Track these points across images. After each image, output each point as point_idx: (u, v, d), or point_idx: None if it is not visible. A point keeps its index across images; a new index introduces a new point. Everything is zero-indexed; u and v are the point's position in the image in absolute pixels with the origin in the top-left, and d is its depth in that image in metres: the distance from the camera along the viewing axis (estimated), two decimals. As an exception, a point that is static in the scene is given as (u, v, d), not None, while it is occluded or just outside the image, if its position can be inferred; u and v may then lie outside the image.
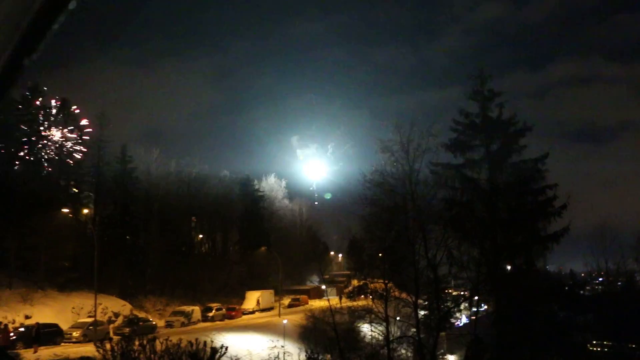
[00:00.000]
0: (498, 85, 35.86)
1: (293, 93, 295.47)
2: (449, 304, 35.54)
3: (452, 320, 37.28)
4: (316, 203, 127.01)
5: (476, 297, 35.74)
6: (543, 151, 35.11)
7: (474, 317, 35.48)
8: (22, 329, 40.43)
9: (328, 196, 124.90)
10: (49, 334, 40.33)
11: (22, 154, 57.16)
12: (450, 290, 39.49)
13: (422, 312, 34.98)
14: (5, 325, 39.32)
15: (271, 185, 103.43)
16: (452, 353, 42.94)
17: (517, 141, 35.15)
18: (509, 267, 34.88)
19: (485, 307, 39.64)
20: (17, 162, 56.40)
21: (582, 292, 44.29)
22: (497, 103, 35.04)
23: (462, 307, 38.28)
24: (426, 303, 35.91)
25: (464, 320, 43.29)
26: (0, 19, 1.51)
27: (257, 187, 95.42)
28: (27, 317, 44.45)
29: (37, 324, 40.15)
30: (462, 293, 38.86)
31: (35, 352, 36.59)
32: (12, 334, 38.57)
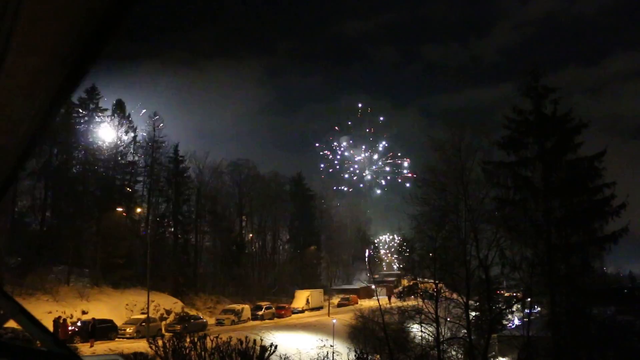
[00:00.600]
0: (551, 81, 34.79)
1: (342, 92, 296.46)
2: (500, 305, 34.88)
3: (504, 322, 36.55)
4: (368, 211, 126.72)
5: (529, 299, 34.91)
6: (599, 148, 34.00)
7: (526, 319, 34.65)
8: (79, 324, 41.69)
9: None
10: (104, 329, 41.46)
11: (79, 154, 58.92)
12: (502, 291, 38.76)
13: (473, 313, 34.41)
14: (64, 319, 40.60)
15: (322, 184, 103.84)
16: (503, 355, 42.07)
17: (572, 138, 34.11)
18: (563, 268, 33.89)
19: (539, 309, 38.69)
20: (75, 163, 58.14)
21: (642, 294, 42.71)
22: (551, 99, 34.08)
23: (514, 308, 37.51)
24: (477, 304, 35.31)
25: (517, 322, 42.35)
26: (66, 25, 1.51)
27: (307, 186, 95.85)
28: (83, 313, 45.80)
29: (93, 319, 41.32)
30: (514, 294, 38.05)
31: (91, 346, 37.67)
32: (70, 328, 39.81)
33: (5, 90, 1.84)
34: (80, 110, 57.85)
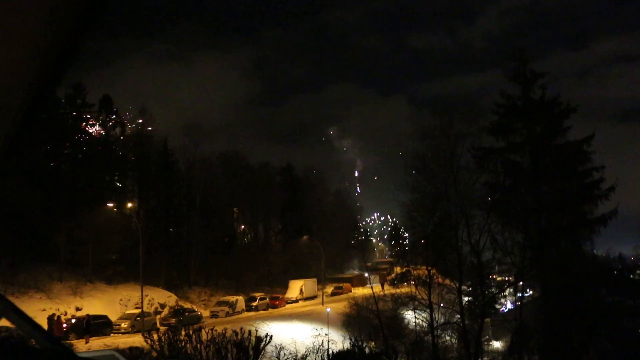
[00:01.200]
0: (538, 66, 34.95)
1: (329, 81, 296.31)
2: (493, 289, 35.19)
3: (497, 306, 36.87)
4: (359, 200, 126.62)
5: (521, 283, 35.20)
6: (587, 132, 34.24)
7: (519, 303, 34.97)
8: (73, 321, 41.60)
9: None
10: (98, 325, 41.43)
11: (68, 151, 58.55)
12: (494, 276, 39.05)
13: (466, 298, 34.68)
14: (58, 317, 40.49)
15: (312, 174, 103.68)
16: (497, 339, 42.46)
17: (561, 123, 34.31)
18: (554, 252, 34.15)
19: (531, 292, 39.01)
20: (64, 159, 57.75)
21: (631, 276, 43.09)
22: (539, 84, 34.23)
23: (506, 292, 37.82)
24: (470, 289, 35.59)
25: (509, 305, 42.74)
26: (44, 18, 1.50)
27: (298, 176, 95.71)
28: (77, 309, 45.70)
29: (88, 315, 41.25)
30: (506, 278, 38.34)
31: (86, 342, 37.63)
32: (64, 325, 39.72)
33: None
34: (67, 106, 57.42)
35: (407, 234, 42.01)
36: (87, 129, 60.22)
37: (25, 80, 1.79)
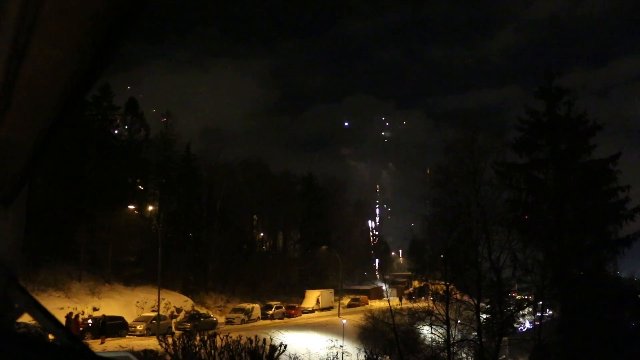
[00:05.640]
0: (558, 83, 34.60)
1: (347, 92, 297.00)
2: (512, 308, 34.65)
3: (515, 325, 36.32)
4: (378, 212, 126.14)
5: (541, 302, 34.69)
6: (611, 150, 33.82)
7: (538, 323, 34.44)
8: (90, 321, 41.91)
9: None
10: (114, 326, 41.66)
11: (92, 152, 59.24)
12: (513, 294, 38.52)
13: (484, 316, 34.24)
14: (76, 316, 40.82)
15: (332, 184, 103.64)
16: (514, 359, 41.85)
17: (586, 141, 33.91)
18: (576, 272, 33.65)
19: (550, 312, 38.43)
20: (88, 160, 58.43)
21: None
22: (565, 101, 33.91)
23: (525, 311, 37.28)
24: (488, 306, 35.13)
25: (528, 325, 42.12)
26: (87, 15, 1.49)
27: (318, 185, 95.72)
28: (95, 309, 46.04)
29: (104, 316, 41.53)
30: (526, 297, 37.82)
31: (102, 342, 37.86)
32: (80, 324, 40.03)
33: (28, 83, 1.82)
34: (94, 108, 58.16)
35: (426, 248, 41.66)
36: (112, 131, 60.94)
37: (62, 80, 1.78)
